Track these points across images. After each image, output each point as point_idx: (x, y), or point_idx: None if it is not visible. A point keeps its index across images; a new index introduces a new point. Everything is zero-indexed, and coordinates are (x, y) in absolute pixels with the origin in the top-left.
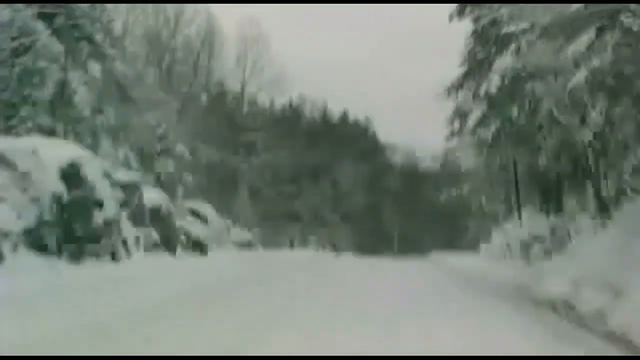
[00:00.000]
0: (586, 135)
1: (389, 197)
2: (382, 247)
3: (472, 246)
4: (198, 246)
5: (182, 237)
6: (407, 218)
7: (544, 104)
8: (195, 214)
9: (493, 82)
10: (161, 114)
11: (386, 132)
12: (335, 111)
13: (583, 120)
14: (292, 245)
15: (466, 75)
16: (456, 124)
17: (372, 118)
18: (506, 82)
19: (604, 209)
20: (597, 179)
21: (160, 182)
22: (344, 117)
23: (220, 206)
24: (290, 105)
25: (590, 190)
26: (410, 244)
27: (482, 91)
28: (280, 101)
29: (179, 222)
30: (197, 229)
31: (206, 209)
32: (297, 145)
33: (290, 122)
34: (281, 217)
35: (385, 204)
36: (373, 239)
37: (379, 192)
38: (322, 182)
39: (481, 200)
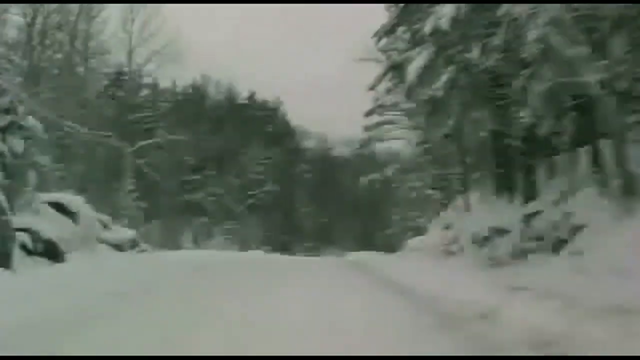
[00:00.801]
0: (602, 72)
1: (301, 187)
2: (295, 242)
3: (397, 241)
4: (49, 251)
5: (27, 240)
6: (322, 209)
7: (531, 29)
8: (59, 208)
9: (445, 11)
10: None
11: (296, 118)
12: (242, 93)
13: (600, 48)
14: (195, 242)
15: (403, 12)
16: (383, 86)
17: (282, 100)
18: (464, 9)
19: (629, 186)
20: (620, 138)
21: (3, 166)
22: (252, 98)
23: (100, 200)
24: (193, 86)
25: (607, 159)
26: (326, 239)
27: (427, 28)
28: (181, 82)
29: (23, 220)
30: (49, 228)
31: (74, 202)
32: (200, 130)
33: (192, 104)
34: (181, 211)
35: (298, 194)
36: (284, 234)
37: (290, 180)
38: (228, 170)
39: (411, 184)
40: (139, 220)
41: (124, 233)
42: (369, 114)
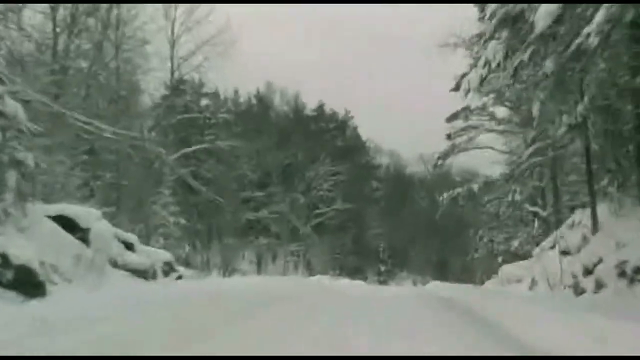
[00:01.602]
0: None
1: (372, 206)
2: (365, 265)
3: (482, 267)
4: (23, 282)
5: None
6: (395, 231)
7: None
8: (65, 223)
9: None
10: None
11: (367, 133)
12: (308, 103)
13: None
14: (259, 264)
15: None
16: (472, 81)
17: (352, 114)
18: None
19: None
20: None
21: None
22: (320, 109)
23: (134, 216)
24: (256, 95)
25: None
26: (399, 263)
27: None
28: (237, 84)
29: None
30: (27, 251)
31: (86, 216)
32: (264, 142)
33: (256, 114)
34: (242, 230)
35: (369, 214)
36: (354, 257)
37: (360, 199)
38: (294, 186)
39: (504, 199)
40: (181, 240)
41: (154, 256)
42: (451, 118)
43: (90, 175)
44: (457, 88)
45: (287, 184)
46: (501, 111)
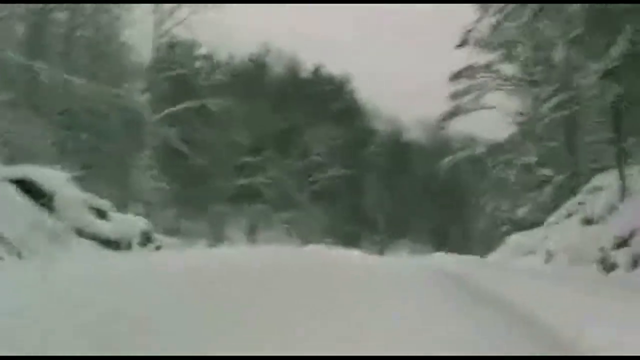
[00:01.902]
0: None
1: (370, 172)
2: (365, 232)
3: (486, 236)
4: None
5: None
6: (393, 198)
7: None
8: (27, 187)
9: None
10: None
11: (366, 96)
12: (305, 66)
13: None
14: (253, 232)
15: None
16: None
17: (351, 76)
18: None
19: None
20: None
21: None
22: (317, 71)
23: (104, 179)
24: (251, 58)
25: None
26: (397, 232)
27: None
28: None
29: None
30: None
31: (51, 179)
32: (258, 106)
33: (250, 77)
34: (234, 197)
35: (366, 181)
36: (351, 225)
37: (358, 165)
38: (289, 152)
39: (519, 159)
40: (164, 206)
41: (129, 224)
42: (455, 77)
43: (63, 136)
44: (463, 44)
45: (281, 149)
46: (509, 69)
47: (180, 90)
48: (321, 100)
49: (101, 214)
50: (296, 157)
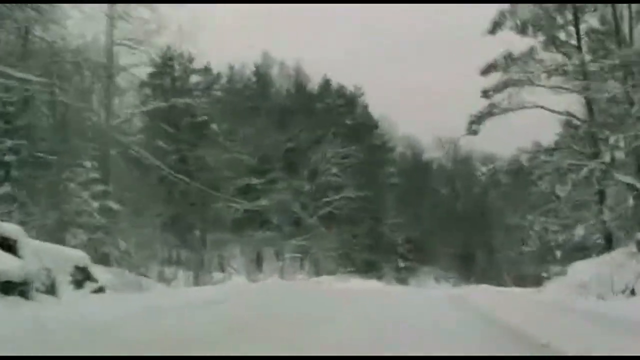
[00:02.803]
0: None
1: (388, 193)
2: (381, 261)
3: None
4: None
5: None
6: (416, 219)
7: None
8: None
9: None
10: None
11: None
12: (312, 78)
13: None
14: (258, 263)
15: None
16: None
17: (362, 90)
18: None
19: None
20: None
21: None
22: (326, 84)
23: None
24: (255, 71)
25: None
26: (419, 258)
27: None
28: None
29: None
30: None
31: None
32: (261, 123)
33: (253, 91)
34: (237, 223)
35: (384, 202)
36: (371, 251)
37: (374, 185)
38: (297, 172)
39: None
40: (120, 233)
41: (53, 258)
42: (487, 70)
43: None
44: (494, 29)
45: (289, 170)
46: (557, 58)
47: (176, 109)
48: (331, 115)
49: (8, 245)
50: (305, 178)
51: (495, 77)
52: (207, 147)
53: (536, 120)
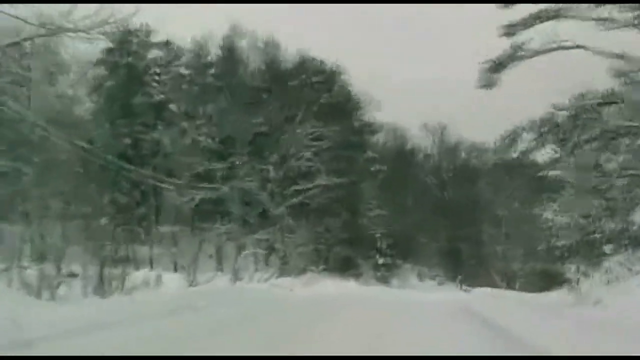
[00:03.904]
0: None
1: (368, 181)
2: (359, 257)
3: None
4: None
5: None
6: (399, 211)
7: None
8: None
9: None
10: None
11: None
12: (285, 53)
13: None
14: (219, 260)
15: None
16: None
17: (342, 67)
18: None
19: None
20: None
21: None
22: (302, 60)
23: None
24: (223, 46)
25: None
26: (405, 251)
27: None
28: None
29: None
30: None
31: None
32: (226, 102)
33: (219, 68)
34: (194, 213)
35: (363, 191)
36: (348, 245)
37: (353, 171)
38: (264, 156)
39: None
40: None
41: None
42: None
43: None
44: None
45: (255, 153)
46: None
47: (132, 84)
48: (306, 92)
49: None
50: (273, 162)
51: (519, 11)
52: (164, 129)
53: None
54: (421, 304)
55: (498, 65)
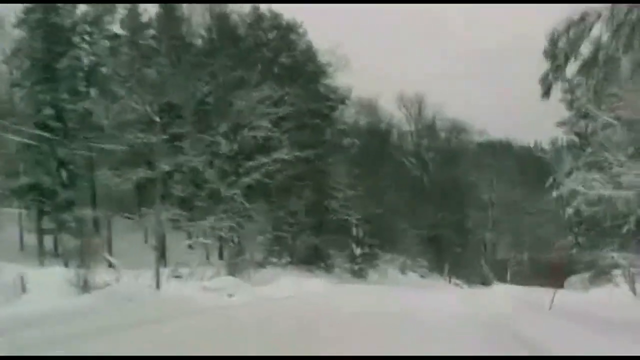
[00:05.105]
0: None
1: (338, 155)
2: (330, 248)
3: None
4: None
5: None
6: (374, 196)
7: None
8: None
9: None
10: None
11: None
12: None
13: None
14: (162, 252)
15: None
16: None
17: (304, 25)
18: None
19: None
20: None
21: None
22: (256, 14)
23: None
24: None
25: None
26: (383, 240)
27: None
28: None
29: None
30: None
31: None
32: (168, 64)
33: (159, 26)
34: (125, 196)
35: (332, 169)
36: (311, 235)
37: (319, 144)
38: (214, 126)
39: None
40: None
41: None
42: None
43: None
44: None
45: (202, 123)
46: None
47: (57, 45)
48: (261, 52)
49: None
50: (224, 134)
51: None
52: (96, 97)
53: None
54: (433, 325)
55: None
